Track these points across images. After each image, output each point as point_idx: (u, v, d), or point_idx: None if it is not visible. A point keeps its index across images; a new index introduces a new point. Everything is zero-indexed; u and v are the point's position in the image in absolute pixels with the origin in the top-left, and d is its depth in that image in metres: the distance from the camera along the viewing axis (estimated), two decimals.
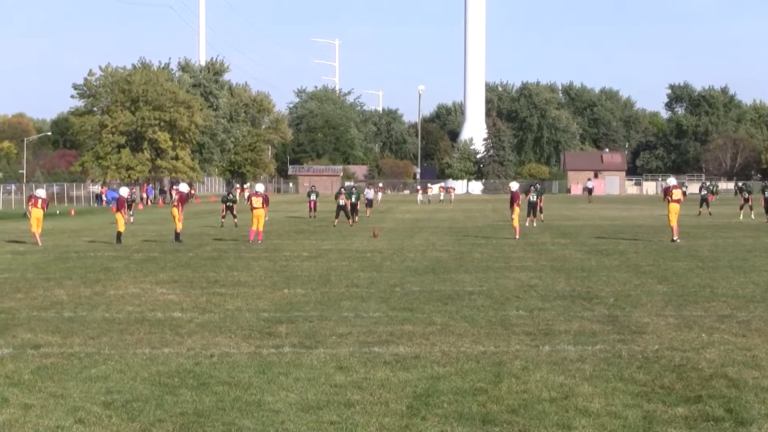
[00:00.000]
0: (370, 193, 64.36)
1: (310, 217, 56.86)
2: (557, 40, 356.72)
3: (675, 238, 34.79)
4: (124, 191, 39.90)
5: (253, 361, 12.93)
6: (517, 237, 36.80)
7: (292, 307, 18.17)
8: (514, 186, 39.81)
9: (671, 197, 35.44)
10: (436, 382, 11.70)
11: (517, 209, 37.80)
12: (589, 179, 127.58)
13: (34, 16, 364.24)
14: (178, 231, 35.97)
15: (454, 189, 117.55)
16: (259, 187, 37.31)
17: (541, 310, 17.58)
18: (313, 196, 59.75)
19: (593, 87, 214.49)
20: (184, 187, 39.71)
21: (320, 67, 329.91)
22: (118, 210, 36.56)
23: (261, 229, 35.93)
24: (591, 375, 12.04)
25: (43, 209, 35.94)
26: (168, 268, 26.04)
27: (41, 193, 37.04)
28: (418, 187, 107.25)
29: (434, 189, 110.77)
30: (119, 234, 35.58)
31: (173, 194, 42.19)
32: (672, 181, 38.04)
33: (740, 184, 76.50)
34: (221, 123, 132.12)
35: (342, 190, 52.14)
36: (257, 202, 36.01)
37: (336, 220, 48.20)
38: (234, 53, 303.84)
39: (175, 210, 36.13)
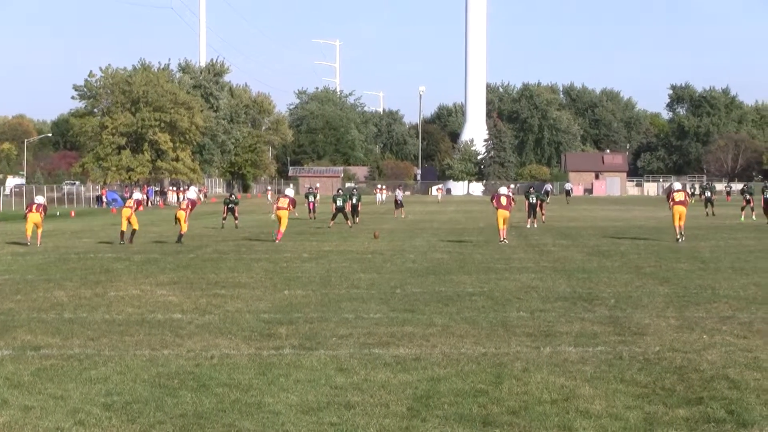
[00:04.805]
0: (400, 194, 64.79)
1: (310, 218, 56.84)
2: (558, 41, 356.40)
3: (678, 238, 35.25)
4: (137, 195, 40.90)
5: (254, 363, 12.93)
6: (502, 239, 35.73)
7: (293, 308, 18.17)
8: (503, 190, 38.18)
9: (674, 200, 35.86)
10: (437, 383, 11.70)
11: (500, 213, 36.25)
12: (567, 181, 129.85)
13: (35, 17, 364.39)
14: (183, 233, 36.34)
15: (442, 189, 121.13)
16: (289, 192, 39.44)
17: (542, 311, 17.57)
18: (311, 198, 59.94)
19: (594, 88, 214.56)
20: (192, 194, 40.64)
21: (321, 68, 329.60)
22: (136, 209, 37.36)
23: (282, 229, 36.99)
24: (592, 376, 12.04)
25: (40, 213, 36.03)
26: (168, 269, 26.03)
27: (39, 199, 37.25)
28: (380, 187, 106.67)
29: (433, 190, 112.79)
30: (134, 232, 36.45)
31: (180, 196, 42.83)
32: (676, 185, 38.31)
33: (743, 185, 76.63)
34: (222, 124, 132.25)
35: (339, 191, 52.25)
36: (283, 202, 37.62)
37: (332, 222, 48.16)
38: (234, 54, 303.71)
39: (181, 213, 36.46)
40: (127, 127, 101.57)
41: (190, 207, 37.17)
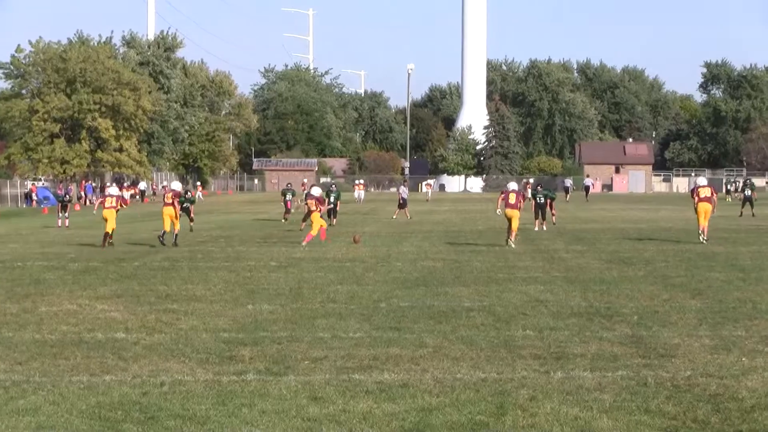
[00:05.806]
0: (405, 191, 64.82)
1: (284, 219, 56.63)
2: (571, 11, 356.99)
3: (702, 239, 36.76)
4: (114, 190, 41.58)
5: (211, 391, 12.94)
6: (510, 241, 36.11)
7: (258, 326, 18.17)
8: (512, 185, 38.89)
9: (698, 196, 37.62)
10: (428, 414, 11.72)
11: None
12: (587, 175, 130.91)
13: None
14: (177, 231, 37.93)
15: (431, 185, 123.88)
16: (315, 191, 41.11)
17: (552, 329, 17.61)
18: (289, 196, 59.77)
19: (614, 65, 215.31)
20: (176, 185, 42.67)
21: (291, 42, 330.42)
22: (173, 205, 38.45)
23: (312, 232, 37.81)
24: (611, 406, 12.08)
25: None
26: (110, 280, 26.01)
27: None
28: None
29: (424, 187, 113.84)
30: (110, 233, 37.41)
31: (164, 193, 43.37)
32: (701, 180, 40.46)
33: None
34: (173, 108, 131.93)
35: (312, 187, 52.38)
36: (310, 203, 39.10)
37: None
38: (188, 26, 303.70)
39: (171, 209, 38.06)
40: (61, 112, 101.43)
41: (175, 199, 38.81)
